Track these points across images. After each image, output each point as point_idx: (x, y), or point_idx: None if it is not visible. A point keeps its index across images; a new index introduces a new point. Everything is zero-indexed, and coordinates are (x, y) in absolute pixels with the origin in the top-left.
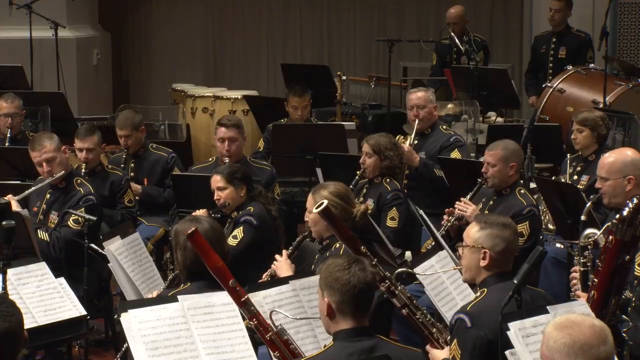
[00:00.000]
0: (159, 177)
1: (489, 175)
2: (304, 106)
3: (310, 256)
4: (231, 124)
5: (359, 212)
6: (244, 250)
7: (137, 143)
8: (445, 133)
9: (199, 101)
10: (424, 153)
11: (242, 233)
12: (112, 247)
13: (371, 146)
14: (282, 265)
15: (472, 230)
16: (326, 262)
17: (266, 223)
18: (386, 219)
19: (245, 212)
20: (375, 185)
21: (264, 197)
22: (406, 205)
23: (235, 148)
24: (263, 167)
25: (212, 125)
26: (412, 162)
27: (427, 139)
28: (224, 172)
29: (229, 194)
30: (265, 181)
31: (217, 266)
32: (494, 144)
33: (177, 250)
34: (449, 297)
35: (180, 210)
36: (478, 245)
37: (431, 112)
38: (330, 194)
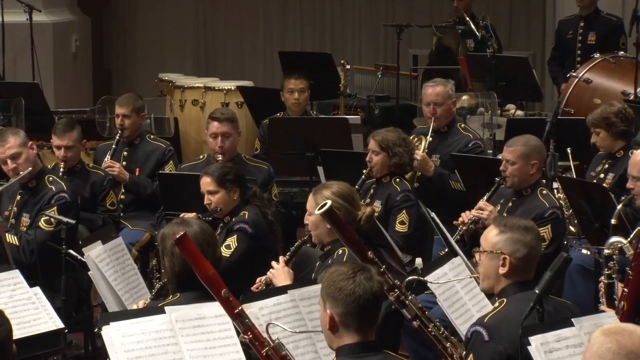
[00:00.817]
0: (151, 169)
1: (507, 174)
2: (300, 89)
3: (310, 263)
4: (224, 117)
5: (364, 215)
6: (238, 260)
7: (135, 128)
8: (464, 135)
9: (189, 93)
10: (438, 157)
11: (236, 242)
12: (92, 253)
13: (378, 142)
14: (279, 274)
15: (490, 234)
16: (328, 270)
17: (262, 229)
18: (395, 223)
19: (239, 219)
20: (383, 185)
21: (259, 199)
22: (417, 208)
23: (228, 144)
24: (259, 165)
25: (202, 119)
26: (425, 171)
27: (443, 139)
28: (214, 173)
29: (220, 198)
30: (262, 181)
31: (208, 274)
32: (513, 140)
33: (165, 257)
34: (463, 309)
35: (168, 212)
36: (497, 250)
37: (449, 109)
38: (333, 194)
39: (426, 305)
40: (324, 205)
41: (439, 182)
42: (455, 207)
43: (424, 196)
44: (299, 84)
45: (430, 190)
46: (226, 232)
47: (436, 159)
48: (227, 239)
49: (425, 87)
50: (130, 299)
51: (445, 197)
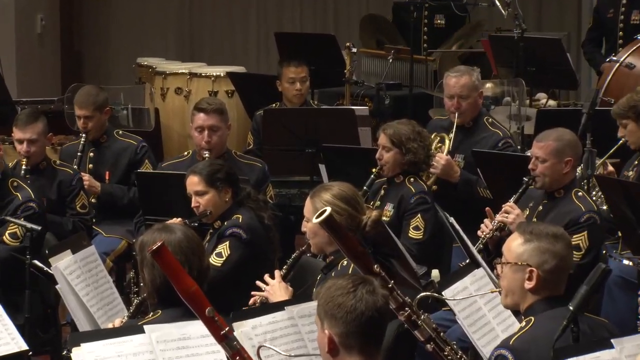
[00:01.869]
0: (124, 172)
1: (537, 173)
2: (302, 78)
3: (311, 276)
4: (212, 108)
5: (369, 220)
6: (230, 271)
7: (99, 127)
8: (492, 132)
9: (171, 80)
10: (462, 157)
11: (229, 250)
12: (60, 264)
13: (389, 137)
14: (275, 290)
15: (514, 242)
16: (325, 284)
17: (258, 235)
18: (408, 229)
19: (231, 223)
20: (395, 186)
21: (254, 201)
22: (434, 212)
23: (216, 139)
24: (252, 163)
25: (187, 110)
26: (450, 177)
27: (467, 136)
28: (202, 172)
29: (210, 199)
30: (256, 181)
31: (190, 291)
32: (544, 134)
33: (144, 269)
34: (487, 328)
35: (148, 217)
36: (522, 262)
37: (475, 103)
38: (333, 197)
39: (444, 324)
40: (322, 212)
41: (465, 189)
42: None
43: (444, 201)
44: (300, 72)
45: (452, 195)
46: (217, 239)
47: (459, 160)
48: (217, 246)
49: (447, 77)
50: (104, 317)
51: (471, 205)
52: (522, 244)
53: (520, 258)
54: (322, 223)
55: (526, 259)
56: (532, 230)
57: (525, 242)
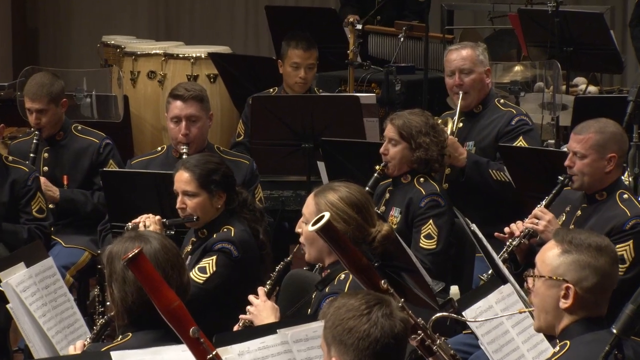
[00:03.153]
0: (85, 174)
1: (575, 171)
2: (308, 65)
3: (307, 291)
4: (190, 95)
5: (379, 235)
6: (214, 291)
7: (55, 123)
8: (504, 111)
9: (143, 62)
10: (472, 144)
11: (215, 266)
12: (12, 280)
13: (397, 128)
14: (260, 311)
15: (549, 253)
16: (333, 304)
17: (251, 254)
18: (419, 237)
19: (222, 237)
20: (402, 187)
21: (250, 211)
22: (449, 217)
23: (196, 131)
24: (238, 160)
25: (162, 97)
26: (455, 161)
27: (476, 121)
28: (196, 170)
29: (199, 203)
30: (242, 181)
31: (172, 307)
32: (583, 126)
33: (113, 284)
34: (515, 355)
35: (115, 224)
36: (558, 277)
37: (482, 80)
38: (341, 201)
39: (464, 350)
40: (320, 218)
41: (475, 173)
42: (499, 213)
43: (458, 200)
44: (307, 57)
45: (465, 191)
46: (202, 251)
47: (470, 147)
48: (202, 260)
49: (448, 51)
50: (64, 341)
51: (488, 194)
52: (559, 255)
53: (555, 272)
54: (320, 231)
55: (562, 274)
56: (572, 239)
57: (563, 253)
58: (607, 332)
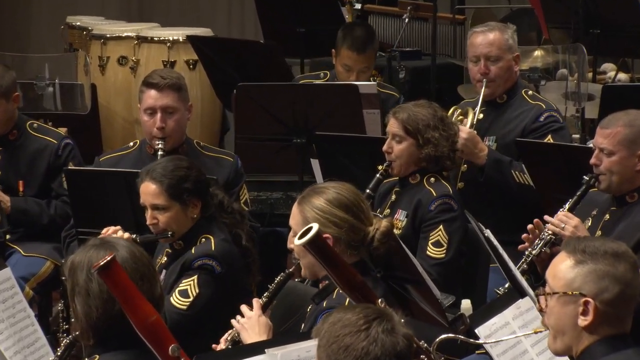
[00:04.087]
0: (41, 179)
1: (602, 169)
2: (361, 69)
3: (300, 307)
4: (167, 84)
5: (377, 232)
6: (199, 314)
7: (6, 120)
8: (532, 105)
9: (113, 46)
10: (493, 139)
11: (197, 288)
12: None
13: (402, 122)
14: (251, 325)
15: (561, 266)
16: (328, 319)
17: (235, 264)
18: (427, 245)
19: (200, 251)
20: (410, 188)
21: (229, 214)
22: (462, 222)
23: (173, 125)
24: (221, 157)
25: (134, 86)
26: (475, 158)
27: (499, 113)
28: (164, 180)
29: (172, 217)
30: (225, 181)
31: (149, 322)
32: (610, 118)
33: (76, 298)
34: None
35: (82, 230)
36: (573, 291)
37: (510, 69)
38: (328, 203)
39: None
40: (307, 230)
41: (495, 173)
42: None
43: (472, 202)
44: (362, 61)
45: (482, 192)
46: (181, 269)
47: (490, 142)
48: (182, 281)
49: (472, 34)
50: None
51: (507, 198)
52: (573, 267)
53: (570, 286)
54: (307, 245)
55: (579, 287)
56: (586, 248)
57: (577, 264)
58: (634, 351)
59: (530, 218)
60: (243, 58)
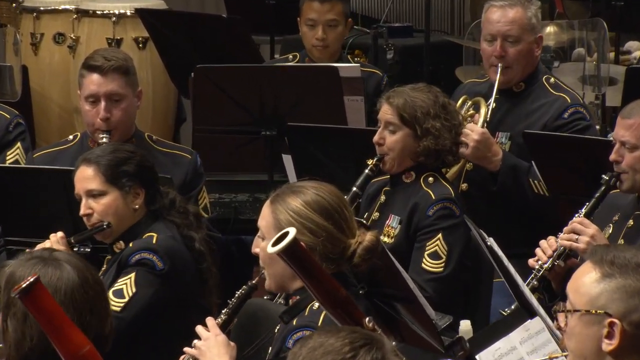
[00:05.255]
0: None
1: (624, 167)
2: (328, 21)
3: (266, 325)
4: (111, 66)
5: (360, 247)
6: (137, 319)
7: None
8: (555, 97)
9: (48, 21)
10: (506, 137)
11: (134, 286)
12: None
13: (397, 109)
14: (209, 347)
15: (584, 279)
16: (306, 343)
17: (182, 265)
18: (422, 256)
19: (140, 245)
20: (404, 188)
21: (181, 214)
22: (465, 231)
23: (120, 114)
24: (177, 153)
25: (73, 68)
26: (486, 163)
27: (515, 104)
28: (100, 161)
29: (109, 204)
30: (182, 181)
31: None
32: (633, 106)
33: (10, 319)
34: None
35: (10, 239)
36: (598, 309)
37: (530, 52)
38: (306, 206)
39: None
40: (283, 236)
41: (510, 181)
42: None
43: (478, 208)
44: (326, 11)
45: (490, 196)
46: (117, 268)
47: (504, 140)
48: (118, 281)
49: (489, 7)
50: None
51: (520, 208)
52: (598, 281)
53: (595, 303)
54: (283, 253)
55: (604, 305)
56: (614, 259)
57: (603, 277)
58: None
59: (543, 228)
60: (202, 35)
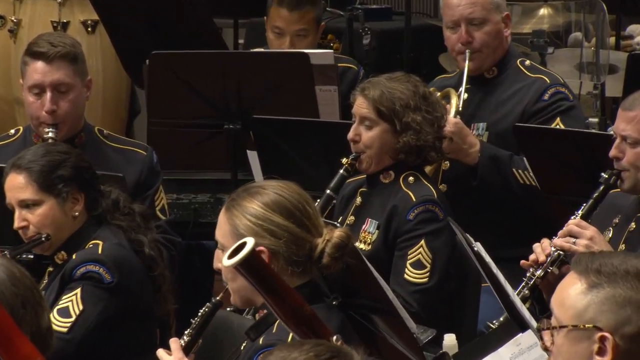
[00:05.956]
0: None
1: (625, 164)
2: (297, 31)
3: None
4: (58, 53)
5: (328, 245)
6: (86, 339)
7: None
8: (532, 79)
9: None
10: (482, 127)
11: (81, 304)
12: None
13: (374, 102)
14: None
15: (569, 291)
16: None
17: (132, 275)
18: (404, 265)
19: (84, 257)
20: (382, 189)
21: (126, 215)
22: (450, 236)
23: (67, 106)
24: (131, 149)
25: (14, 55)
26: (463, 156)
27: (489, 92)
28: (32, 167)
29: (45, 215)
30: (137, 180)
31: None
32: (636, 97)
33: None
34: None
35: None
36: (586, 324)
37: (499, 33)
38: (264, 208)
39: None
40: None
41: (491, 174)
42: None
43: (459, 210)
44: (295, 20)
45: (472, 196)
46: (61, 282)
47: (480, 131)
48: (62, 297)
49: None
50: None
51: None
52: (585, 293)
53: (582, 317)
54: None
55: (593, 318)
56: (601, 266)
57: (590, 288)
58: None
59: (533, 226)
60: (158, 18)
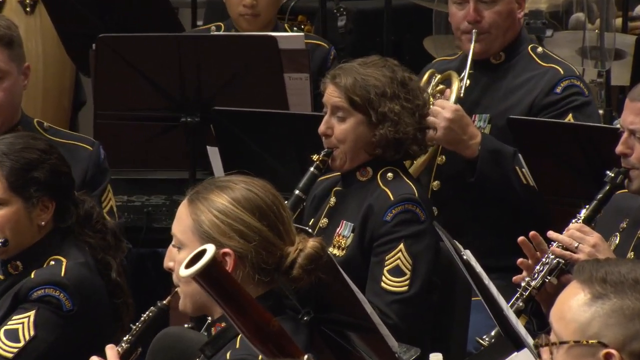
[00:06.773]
0: None
1: (633, 161)
2: None
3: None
4: None
5: (300, 256)
6: None
7: None
8: (544, 69)
9: None
10: (485, 119)
11: (32, 329)
12: None
13: (346, 91)
14: None
15: (571, 302)
16: None
17: (96, 300)
18: (382, 273)
19: (44, 277)
20: (358, 188)
21: (97, 232)
22: (432, 239)
23: (2, 96)
24: (75, 144)
25: None
26: (461, 148)
27: (495, 79)
28: (4, 160)
29: (10, 217)
30: (83, 179)
31: None
32: None
33: None
34: None
35: None
36: (589, 339)
37: (511, 14)
38: (234, 204)
39: None
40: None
41: (492, 170)
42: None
43: (453, 211)
44: None
45: (469, 196)
46: (13, 300)
47: (482, 123)
48: (12, 317)
49: None
50: None
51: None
52: (588, 304)
53: (585, 332)
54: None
55: (597, 333)
56: (607, 275)
57: (594, 299)
58: None
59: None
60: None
